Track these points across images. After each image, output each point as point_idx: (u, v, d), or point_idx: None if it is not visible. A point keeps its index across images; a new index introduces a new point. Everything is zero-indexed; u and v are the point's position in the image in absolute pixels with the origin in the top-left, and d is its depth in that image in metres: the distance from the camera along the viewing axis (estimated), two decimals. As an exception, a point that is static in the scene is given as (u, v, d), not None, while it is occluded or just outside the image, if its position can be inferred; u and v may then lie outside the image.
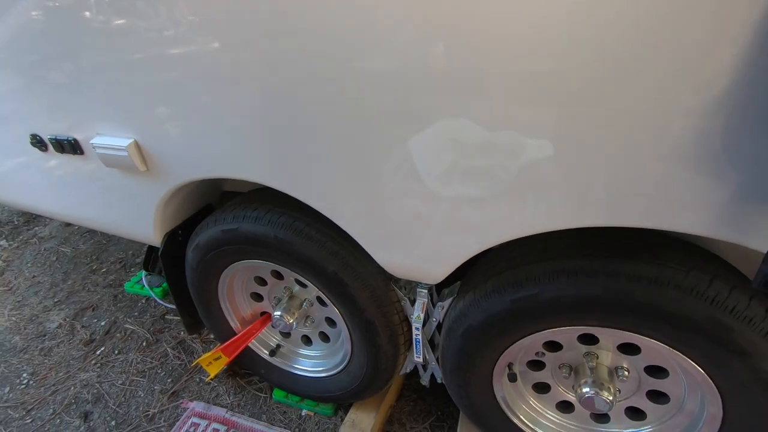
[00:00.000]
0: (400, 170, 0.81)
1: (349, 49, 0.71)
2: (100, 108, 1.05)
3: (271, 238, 1.09)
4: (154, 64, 0.91)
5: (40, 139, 1.21)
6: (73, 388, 1.64)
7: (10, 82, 1.15)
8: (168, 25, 0.84)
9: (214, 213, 1.21)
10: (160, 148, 1.05)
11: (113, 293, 2.11)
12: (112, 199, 1.25)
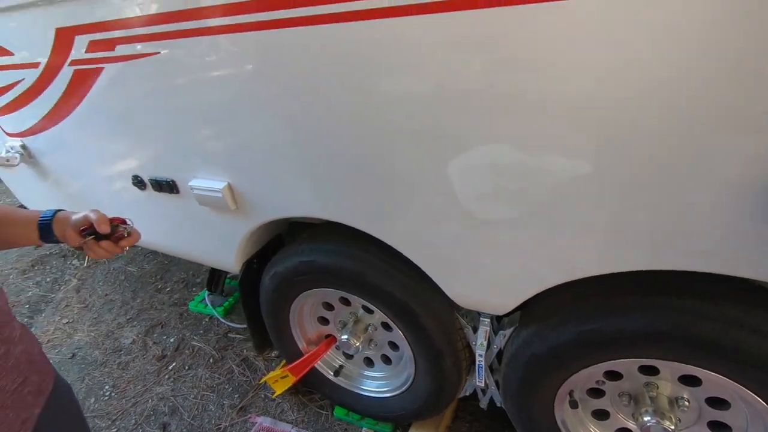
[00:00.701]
0: (473, 209, 0.90)
1: (431, 107, 0.82)
2: (199, 155, 1.20)
3: (346, 269, 1.20)
4: (247, 119, 1.05)
5: (141, 179, 1.37)
6: (151, 400, 1.80)
7: (117, 130, 1.33)
8: (262, 85, 0.97)
9: (292, 245, 1.33)
10: (251, 190, 1.19)
11: (179, 311, 2.28)
12: (201, 233, 1.40)
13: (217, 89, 1.04)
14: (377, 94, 0.84)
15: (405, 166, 0.92)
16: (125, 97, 1.20)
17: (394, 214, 1.01)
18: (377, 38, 0.77)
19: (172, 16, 0.97)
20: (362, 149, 0.94)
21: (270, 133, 1.04)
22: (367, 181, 0.99)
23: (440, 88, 0.77)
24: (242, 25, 0.90)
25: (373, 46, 0.78)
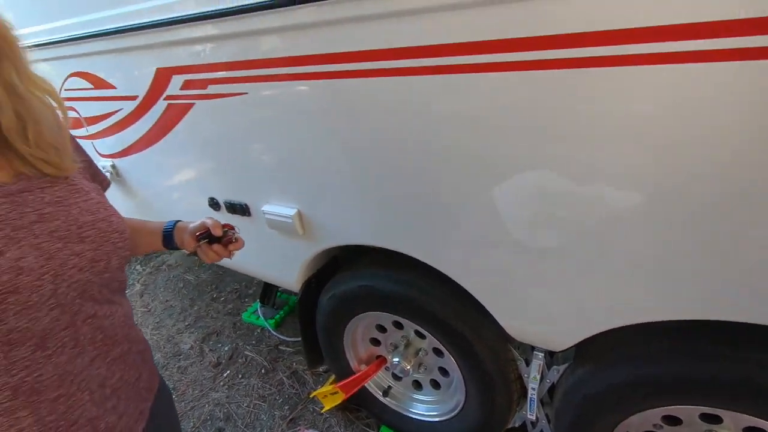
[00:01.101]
0: (527, 239, 0.94)
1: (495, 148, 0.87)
2: (273, 183, 1.31)
3: (403, 296, 1.27)
4: (319, 154, 1.14)
5: (216, 201, 1.50)
6: (207, 405, 1.91)
7: (199, 157, 1.47)
8: (332, 125, 1.07)
9: (352, 269, 1.41)
10: (318, 218, 1.28)
11: (232, 321, 2.41)
12: (268, 253, 1.51)
13: (293, 127, 1.14)
14: (434, 129, 0.91)
15: (458, 196, 0.97)
16: (211, 129, 1.34)
17: (450, 243, 1.06)
18: (432, 88, 0.84)
19: (258, 63, 1.09)
20: (418, 181, 1.01)
21: (338, 167, 1.13)
22: (424, 211, 1.05)
23: (500, 114, 0.82)
24: (316, 73, 1.00)
25: (429, 94, 0.86)
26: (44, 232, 0.61)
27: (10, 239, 0.57)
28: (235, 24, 1.05)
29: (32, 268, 0.58)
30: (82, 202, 0.68)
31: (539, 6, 0.69)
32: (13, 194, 0.60)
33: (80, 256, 0.64)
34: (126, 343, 0.74)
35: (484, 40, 0.76)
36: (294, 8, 0.93)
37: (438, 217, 1.04)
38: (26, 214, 0.60)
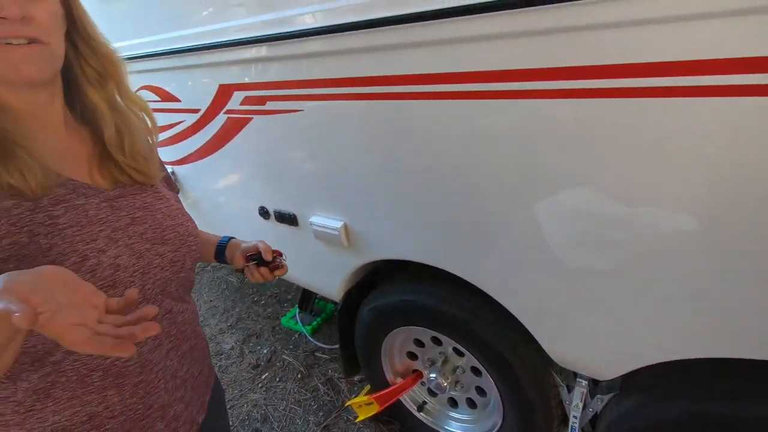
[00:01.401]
0: (572, 261, 0.92)
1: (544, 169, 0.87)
2: (322, 196, 1.36)
3: (444, 313, 1.27)
4: (367, 170, 1.18)
5: (267, 210, 1.57)
6: (246, 406, 1.98)
7: (253, 168, 1.54)
8: (381, 144, 1.10)
9: (394, 282, 1.43)
10: (364, 231, 1.31)
11: (272, 324, 2.49)
12: (312, 263, 1.56)
13: (343, 144, 1.19)
14: (480, 147, 0.93)
15: (502, 213, 0.98)
16: (266, 142, 1.41)
17: (493, 261, 1.06)
18: (477, 110, 0.86)
19: (313, 83, 1.15)
20: (462, 198, 1.03)
21: (384, 183, 1.17)
22: (467, 228, 1.06)
23: (551, 134, 0.83)
24: (367, 94, 1.05)
25: (474, 116, 0.88)
26: (136, 233, 0.68)
27: (110, 239, 0.64)
28: (292, 47, 1.11)
29: (126, 265, 0.64)
30: (165, 208, 0.75)
31: (593, 36, 0.70)
32: (111, 199, 0.68)
33: (162, 256, 0.70)
34: (193, 338, 0.81)
35: (534, 68, 0.77)
36: (345, 35, 0.99)
37: (482, 234, 1.05)
38: (122, 218, 0.67)
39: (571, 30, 0.72)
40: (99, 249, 0.62)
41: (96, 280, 0.60)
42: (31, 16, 0.55)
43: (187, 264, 0.76)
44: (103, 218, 0.65)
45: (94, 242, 0.62)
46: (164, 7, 1.46)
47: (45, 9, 0.57)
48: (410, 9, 0.87)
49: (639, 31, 0.66)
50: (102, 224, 0.64)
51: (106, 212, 0.66)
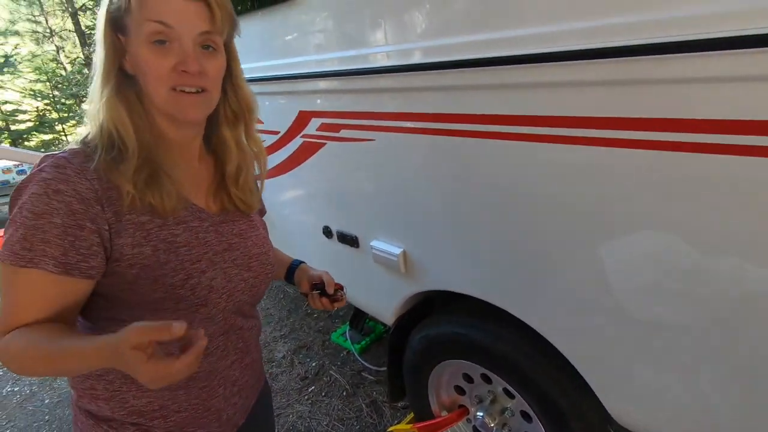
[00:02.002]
0: (638, 311, 0.88)
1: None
2: (385, 222, 1.41)
3: (497, 352, 1.25)
4: (430, 201, 1.21)
5: (330, 230, 1.65)
6: (291, 416, 2.04)
7: (322, 189, 1.63)
8: (445, 178, 1.12)
9: (449, 313, 1.43)
10: (422, 260, 1.33)
11: (322, 339, 2.56)
12: (369, 285, 1.60)
13: (411, 175, 1.23)
14: (547, 187, 0.92)
15: (565, 255, 0.96)
16: (337, 166, 1.49)
17: (552, 304, 1.04)
18: (545, 154, 0.85)
19: (386, 115, 1.21)
20: (524, 238, 1.02)
21: (446, 216, 1.19)
22: (527, 267, 1.05)
23: (636, 177, 0.80)
24: (437, 130, 1.08)
25: (541, 159, 0.87)
26: (230, 259, 0.76)
27: (210, 262, 0.72)
28: (367, 81, 1.19)
29: (218, 287, 0.72)
30: (255, 237, 0.83)
31: (682, 90, 0.68)
32: (217, 224, 0.77)
33: (246, 281, 0.78)
34: (255, 352, 0.88)
35: (616, 116, 0.77)
36: (418, 74, 1.05)
37: (543, 274, 1.03)
38: (222, 242, 0.76)
39: (667, 82, 0.71)
40: (201, 270, 0.70)
41: (194, 297, 0.69)
42: (205, 70, 0.65)
43: (262, 289, 0.84)
44: (208, 241, 0.73)
45: (199, 263, 0.70)
46: (255, 40, 1.61)
47: (215, 65, 0.68)
48: (480, 54, 0.91)
49: (738, 88, 0.64)
50: (206, 247, 0.73)
51: (212, 236, 0.74)
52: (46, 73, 7.86)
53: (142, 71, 0.64)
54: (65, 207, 0.59)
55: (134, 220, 0.65)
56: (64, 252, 0.59)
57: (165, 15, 0.61)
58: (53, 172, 0.60)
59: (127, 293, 0.66)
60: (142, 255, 0.65)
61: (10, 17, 8.39)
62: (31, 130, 7.44)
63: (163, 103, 0.65)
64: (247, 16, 1.59)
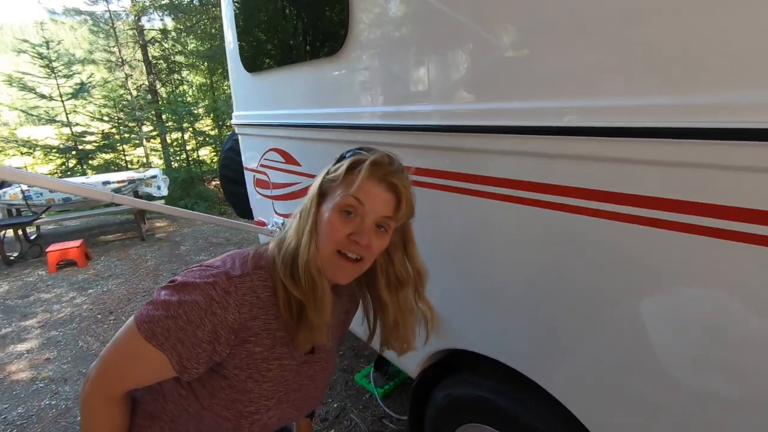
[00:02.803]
0: (691, 401, 0.81)
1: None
2: (412, 274, 1.39)
3: (523, 422, 1.18)
4: (455, 257, 1.18)
5: (358, 275, 1.65)
6: (308, 459, 1.99)
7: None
8: (473, 233, 1.10)
9: (474, 373, 1.38)
10: (446, 317, 1.30)
11: (345, 378, 2.52)
12: (393, 334, 1.57)
13: (440, 232, 1.22)
14: (574, 258, 0.87)
15: (594, 329, 0.91)
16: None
17: (582, 379, 0.97)
18: (568, 224, 0.81)
19: (417, 170, 1.21)
20: (551, 305, 0.98)
21: (474, 276, 1.17)
22: (554, 337, 1.01)
23: (679, 262, 0.75)
24: (458, 188, 1.08)
25: (566, 228, 0.83)
26: (293, 400, 0.82)
27: (278, 402, 0.78)
28: (397, 137, 1.21)
29: (271, 426, 0.79)
30: (322, 378, 0.89)
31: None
32: (299, 365, 0.82)
33: (291, 418, 0.84)
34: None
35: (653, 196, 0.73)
36: (432, 134, 1.07)
37: (569, 346, 0.98)
38: (295, 383, 0.81)
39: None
40: (267, 408, 0.76)
41: (250, 428, 0.75)
42: (371, 246, 0.73)
43: (308, 411, 0.91)
44: (287, 381, 0.79)
45: (270, 400, 0.77)
46: (299, 87, 1.69)
47: (380, 243, 0.76)
48: (492, 121, 0.90)
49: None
50: (282, 386, 0.78)
51: (292, 375, 0.80)
52: (113, 99, 8.56)
53: (323, 228, 0.73)
54: (211, 327, 0.67)
55: (250, 350, 0.73)
56: (189, 357, 0.68)
57: (363, 194, 0.72)
58: (219, 294, 0.68)
59: (205, 396, 0.73)
60: (237, 377, 0.72)
61: (89, 47, 9.30)
62: (95, 151, 8.06)
63: (326, 258, 0.73)
64: (295, 66, 1.68)
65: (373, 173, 0.72)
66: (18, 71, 7.58)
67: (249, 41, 2.04)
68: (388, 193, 0.73)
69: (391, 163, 0.75)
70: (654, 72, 0.71)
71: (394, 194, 0.74)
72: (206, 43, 9.21)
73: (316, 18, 1.57)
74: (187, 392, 0.75)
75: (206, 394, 0.73)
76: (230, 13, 2.10)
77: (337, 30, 1.43)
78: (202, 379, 0.73)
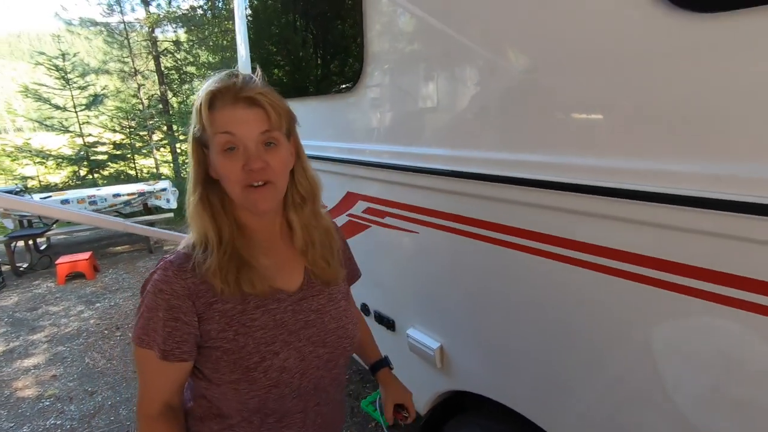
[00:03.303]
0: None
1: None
2: (424, 313, 1.38)
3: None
4: (473, 302, 1.17)
5: (368, 308, 1.64)
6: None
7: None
8: (490, 279, 1.09)
9: (481, 414, 1.36)
10: (461, 360, 1.28)
11: (351, 404, 2.49)
12: (403, 371, 1.55)
13: (456, 276, 1.21)
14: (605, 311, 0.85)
15: (618, 386, 0.87)
16: (378, 249, 1.50)
17: (586, 425, 0.94)
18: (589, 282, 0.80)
19: (436, 213, 1.20)
20: (568, 357, 0.96)
21: (491, 322, 1.14)
22: (569, 391, 0.98)
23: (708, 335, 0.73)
24: (481, 236, 1.05)
25: (589, 287, 0.81)
26: (305, 337, 0.80)
27: (285, 343, 0.77)
28: (418, 178, 1.20)
29: (291, 368, 0.77)
30: (333, 311, 0.86)
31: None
32: (295, 302, 0.82)
33: (320, 357, 0.82)
34: (334, 429, 0.92)
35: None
36: (468, 181, 1.05)
37: (586, 397, 0.95)
38: (298, 321, 0.81)
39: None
40: (275, 352, 0.76)
41: (265, 379, 0.74)
42: (269, 164, 0.72)
43: (341, 362, 0.87)
44: (284, 322, 0.79)
45: (273, 345, 0.76)
46: (315, 120, 1.70)
47: (278, 158, 0.74)
48: (530, 175, 0.89)
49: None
50: (282, 328, 0.78)
51: (288, 315, 0.79)
52: (125, 110, 8.68)
53: (221, 175, 0.73)
54: (165, 303, 0.72)
55: (220, 309, 0.74)
56: (164, 340, 0.72)
57: (229, 125, 0.70)
58: (160, 274, 0.74)
59: (212, 373, 0.75)
60: (225, 339, 0.74)
61: (103, 57, 9.46)
62: (107, 161, 8.16)
63: (240, 200, 0.74)
64: (312, 99, 1.69)
65: (224, 101, 0.70)
66: (35, 82, 7.73)
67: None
68: (251, 110, 0.71)
69: (236, 80, 0.71)
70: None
71: (258, 107, 0.71)
72: (217, 54, 9.34)
73: (330, 58, 1.58)
74: (203, 381, 0.78)
75: (211, 371, 0.75)
76: (245, 40, 2.12)
77: (350, 72, 1.44)
78: (201, 362, 0.76)
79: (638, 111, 0.73)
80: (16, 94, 7.77)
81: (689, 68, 0.66)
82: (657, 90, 0.70)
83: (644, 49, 0.71)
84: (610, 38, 0.75)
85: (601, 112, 0.80)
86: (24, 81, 7.83)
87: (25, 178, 7.73)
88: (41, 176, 7.94)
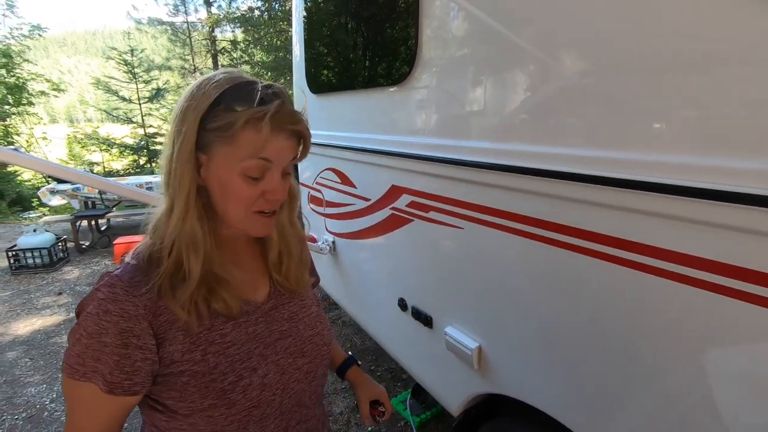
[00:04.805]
0: None
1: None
2: (464, 311, 1.35)
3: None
4: (520, 304, 1.12)
5: (405, 303, 1.62)
6: (339, 482, 1.97)
7: (403, 260, 1.62)
8: (535, 280, 1.04)
9: (518, 421, 1.31)
10: (499, 362, 1.24)
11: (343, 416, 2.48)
12: (437, 369, 1.53)
13: (500, 274, 1.17)
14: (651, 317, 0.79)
15: (662, 392, 0.81)
16: (422, 244, 1.48)
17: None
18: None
19: (481, 208, 1.17)
20: (612, 364, 0.89)
21: (533, 324, 1.10)
22: (613, 398, 0.91)
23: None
24: (531, 234, 1.01)
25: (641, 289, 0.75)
26: (282, 348, 0.74)
27: (261, 357, 0.71)
28: (466, 172, 1.17)
29: (271, 384, 0.71)
30: (306, 318, 0.81)
31: None
32: (266, 312, 0.75)
33: (300, 369, 0.76)
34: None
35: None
36: (519, 176, 1.01)
37: (615, 400, 0.89)
38: (272, 332, 0.74)
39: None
40: (252, 368, 0.69)
41: (246, 400, 0.67)
42: (285, 194, 0.70)
43: (320, 372, 0.81)
44: (258, 334, 0.72)
45: (249, 360, 0.69)
46: (361, 113, 1.71)
47: (288, 187, 0.70)
48: (587, 170, 0.84)
49: None
50: (256, 341, 0.72)
51: (261, 327, 0.73)
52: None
53: (228, 193, 0.65)
54: (113, 327, 0.61)
55: (182, 327, 0.65)
56: (111, 370, 0.60)
57: (272, 153, 0.64)
58: (105, 291, 0.62)
59: (177, 403, 0.65)
60: (192, 361, 0.65)
61: (167, 54, 10.07)
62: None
63: (238, 222, 0.68)
64: (360, 91, 1.71)
65: (276, 127, 0.63)
66: (105, 75, 8.33)
67: (316, 67, 2.11)
68: (292, 140, 0.67)
69: (288, 108, 0.64)
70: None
71: (298, 138, 0.68)
72: (271, 54, 9.69)
73: (383, 50, 1.59)
74: (162, 414, 0.68)
75: (176, 401, 0.65)
76: (300, 40, 2.18)
77: (402, 64, 1.43)
78: (160, 392, 0.66)
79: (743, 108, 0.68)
80: (89, 86, 8.41)
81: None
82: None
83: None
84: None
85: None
86: (96, 75, 8.46)
87: (92, 163, 8.34)
88: (105, 162, 8.54)
